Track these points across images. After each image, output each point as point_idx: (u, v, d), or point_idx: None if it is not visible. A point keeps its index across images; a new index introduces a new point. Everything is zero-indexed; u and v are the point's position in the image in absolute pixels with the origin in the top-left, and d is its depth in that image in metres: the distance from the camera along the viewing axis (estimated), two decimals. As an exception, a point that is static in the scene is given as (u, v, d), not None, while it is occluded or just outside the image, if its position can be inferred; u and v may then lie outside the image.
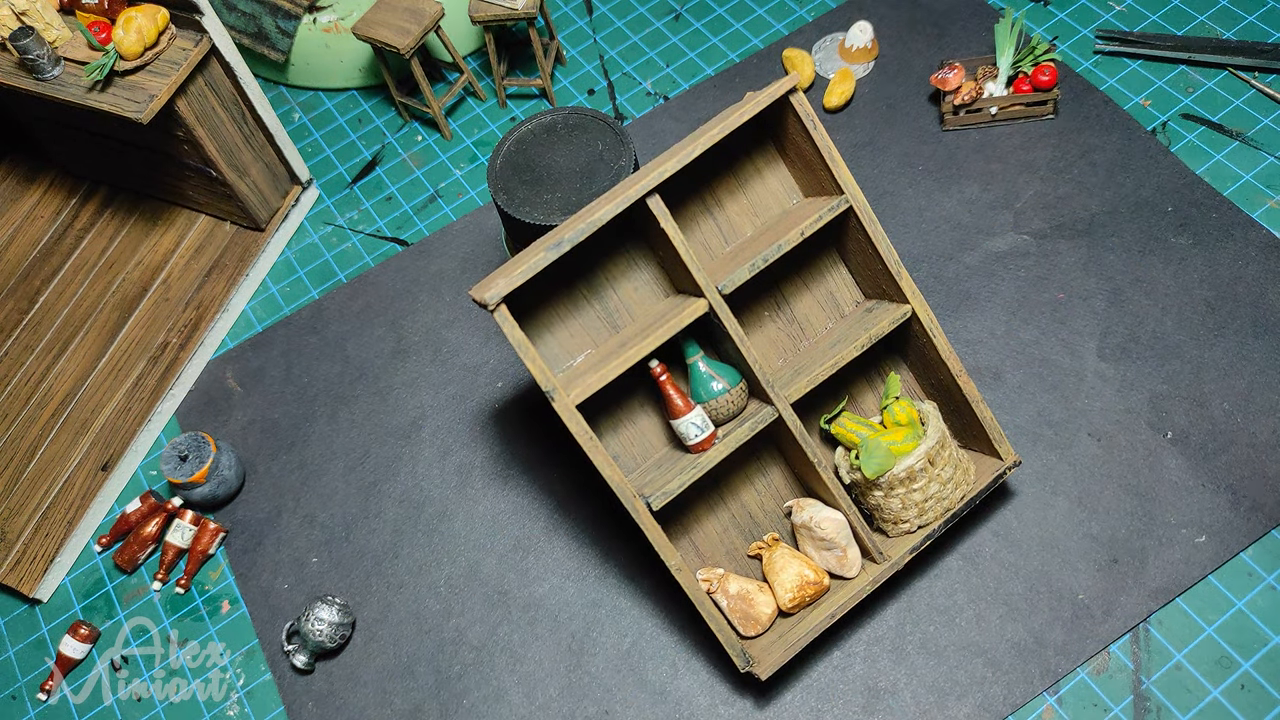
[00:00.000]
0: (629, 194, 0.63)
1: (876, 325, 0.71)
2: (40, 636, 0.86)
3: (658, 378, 0.69)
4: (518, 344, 0.63)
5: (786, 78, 0.65)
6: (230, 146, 0.96)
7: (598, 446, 0.65)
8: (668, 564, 0.67)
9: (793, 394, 0.70)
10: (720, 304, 0.67)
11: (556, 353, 0.71)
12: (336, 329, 0.98)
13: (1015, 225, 0.92)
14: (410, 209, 1.05)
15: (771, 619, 0.73)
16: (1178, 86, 0.98)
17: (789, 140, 0.70)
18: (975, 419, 0.73)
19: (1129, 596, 0.73)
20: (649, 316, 0.72)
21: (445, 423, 0.90)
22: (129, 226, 1.07)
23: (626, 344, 0.68)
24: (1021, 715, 0.71)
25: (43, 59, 0.86)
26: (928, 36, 1.06)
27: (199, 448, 0.86)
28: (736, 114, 0.64)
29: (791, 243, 0.67)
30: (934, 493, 0.71)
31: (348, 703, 0.78)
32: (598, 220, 0.63)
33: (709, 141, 0.64)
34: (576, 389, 0.64)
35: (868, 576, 0.72)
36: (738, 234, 0.74)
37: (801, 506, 0.74)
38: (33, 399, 0.97)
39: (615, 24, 1.16)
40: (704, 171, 0.70)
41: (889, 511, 0.72)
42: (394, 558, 0.84)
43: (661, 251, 0.69)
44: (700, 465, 0.69)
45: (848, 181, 0.67)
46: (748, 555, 0.77)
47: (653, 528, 0.66)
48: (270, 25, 1.11)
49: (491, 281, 0.65)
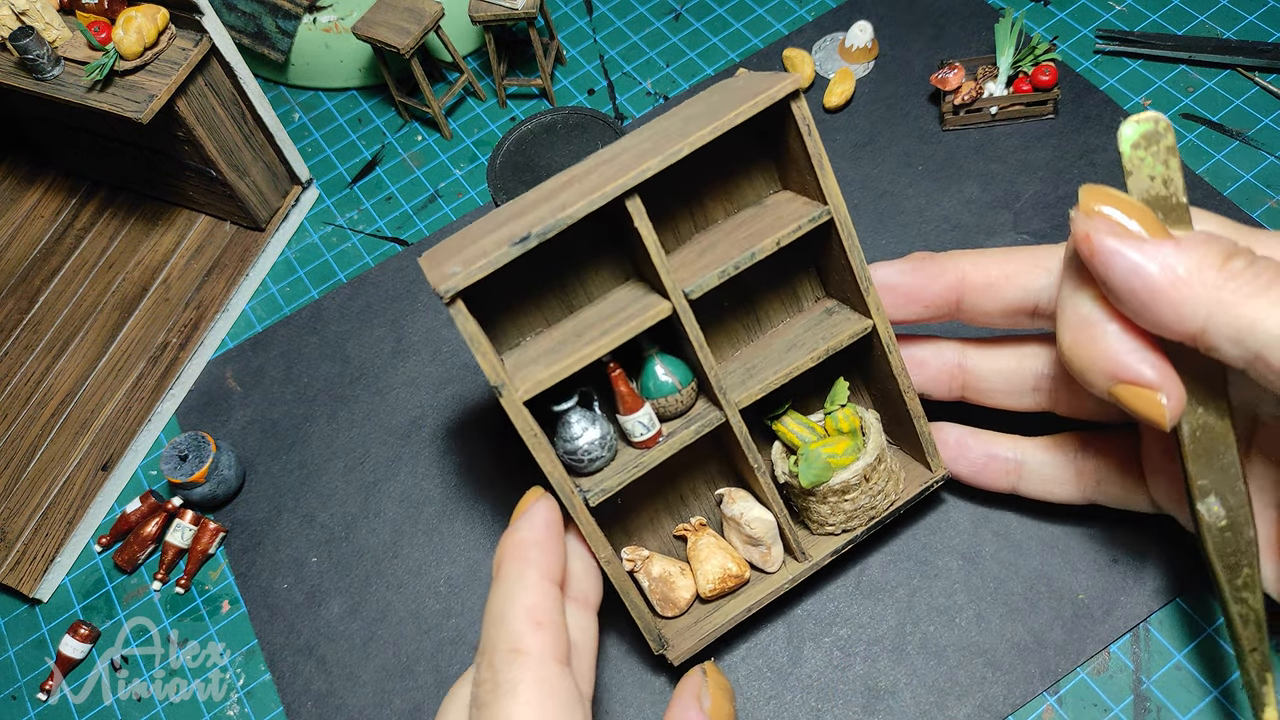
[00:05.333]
0: (605, 191, 0.59)
1: (836, 337, 0.68)
2: (40, 636, 0.86)
3: (610, 374, 0.66)
4: (470, 337, 0.58)
5: (788, 78, 0.61)
6: (230, 146, 0.96)
7: (542, 444, 0.61)
8: (597, 555, 0.64)
9: (743, 400, 0.67)
10: (685, 310, 0.63)
11: (506, 328, 0.67)
12: (336, 329, 0.98)
13: (1015, 225, 0.92)
14: (410, 209, 1.05)
15: (689, 603, 0.72)
16: (1178, 86, 0.98)
17: (780, 137, 0.67)
18: (914, 431, 0.72)
19: (1129, 596, 0.73)
20: (609, 304, 0.68)
21: (445, 423, 0.90)
22: (129, 226, 1.07)
23: (583, 335, 0.64)
24: (1021, 715, 0.71)
25: (43, 59, 0.86)
26: (928, 36, 1.06)
27: (199, 448, 0.86)
28: (733, 114, 0.60)
29: (766, 251, 0.64)
30: (864, 504, 0.70)
31: (347, 703, 0.78)
32: (568, 217, 0.58)
33: (698, 142, 0.60)
34: (526, 384, 0.61)
35: (788, 574, 0.71)
36: (709, 219, 0.70)
37: (733, 498, 0.72)
38: (33, 399, 0.96)
39: (615, 24, 1.16)
40: None
41: (817, 515, 0.71)
42: (394, 558, 0.84)
43: (632, 244, 0.65)
44: (642, 464, 0.66)
45: (833, 192, 0.64)
46: (673, 535, 0.76)
47: (588, 522, 0.64)
48: (270, 25, 1.11)
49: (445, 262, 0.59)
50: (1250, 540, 0.58)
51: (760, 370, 0.70)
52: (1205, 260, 0.50)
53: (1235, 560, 0.58)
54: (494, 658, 0.54)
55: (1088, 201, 0.53)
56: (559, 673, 0.53)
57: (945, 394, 0.73)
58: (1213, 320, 0.49)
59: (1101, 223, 0.52)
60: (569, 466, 0.67)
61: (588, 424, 0.66)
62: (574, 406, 0.67)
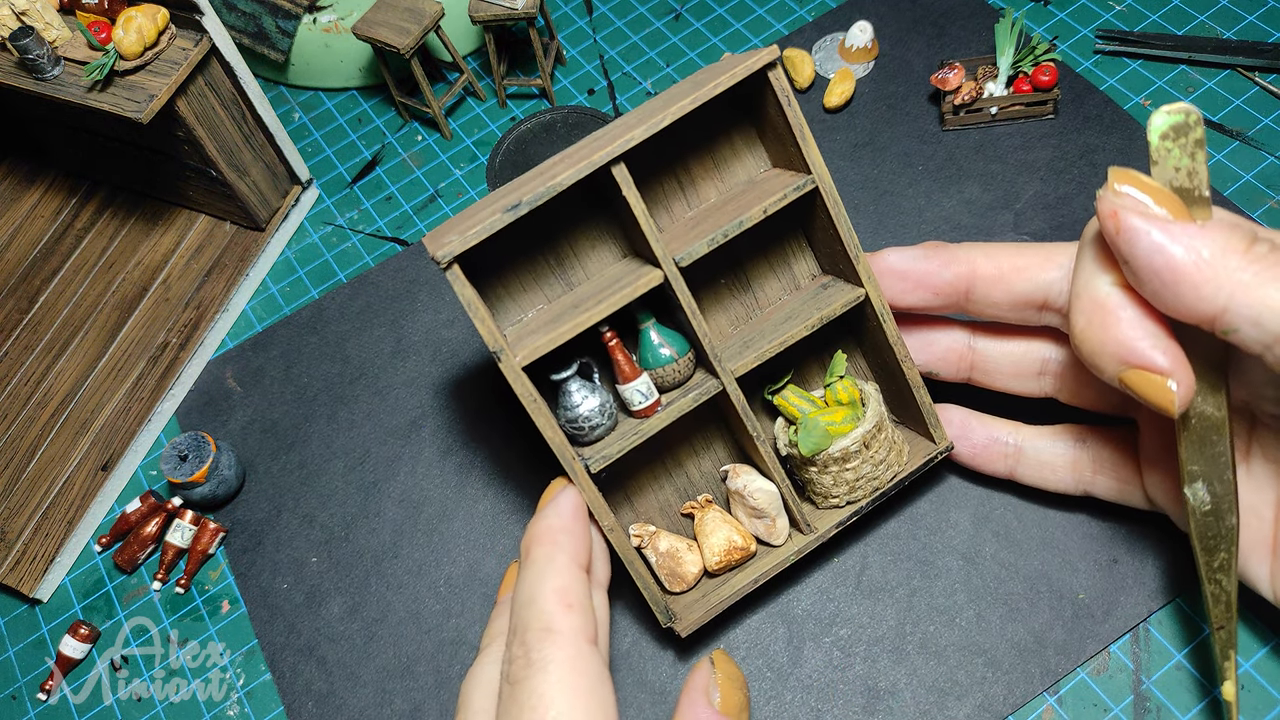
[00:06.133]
0: (593, 159, 0.61)
1: (829, 306, 0.69)
2: (40, 636, 0.86)
3: (607, 343, 0.68)
4: (467, 302, 0.60)
5: (765, 50, 0.63)
6: (230, 146, 0.96)
7: (542, 409, 0.63)
8: (601, 524, 0.66)
9: (739, 369, 0.68)
10: (676, 276, 0.65)
11: (508, 306, 0.69)
12: (336, 329, 0.98)
13: (1015, 225, 0.92)
14: (410, 209, 1.05)
15: (697, 578, 0.73)
16: (1178, 86, 0.98)
17: (762, 110, 0.68)
18: (914, 402, 0.73)
19: (1129, 596, 0.73)
20: (605, 277, 0.70)
21: (445, 423, 0.90)
22: (129, 226, 1.07)
23: (579, 305, 0.66)
24: (1021, 715, 0.71)
25: (43, 59, 0.86)
26: (928, 36, 1.06)
27: (199, 448, 0.86)
28: (712, 84, 0.62)
29: (754, 219, 0.66)
30: (866, 473, 0.70)
31: (347, 703, 0.78)
32: (558, 185, 0.60)
33: (680, 111, 0.62)
34: (524, 350, 0.63)
35: (793, 546, 0.72)
36: (701, 198, 0.72)
37: (737, 473, 0.73)
38: (33, 399, 0.96)
39: (615, 24, 1.16)
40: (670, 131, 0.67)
41: (820, 486, 0.72)
42: (394, 558, 0.84)
43: (622, 215, 0.67)
44: (641, 432, 0.67)
45: (816, 161, 0.65)
46: (680, 513, 0.77)
47: (589, 489, 0.65)
48: (270, 25, 1.11)
49: (445, 235, 0.62)
50: (1231, 527, 0.60)
51: (756, 342, 0.71)
52: (1229, 244, 0.51)
53: (1214, 544, 0.61)
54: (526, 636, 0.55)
55: (1115, 181, 0.53)
56: (589, 651, 0.55)
57: (954, 374, 0.74)
58: (1234, 302, 0.50)
59: (1129, 201, 0.52)
60: (571, 436, 0.68)
61: (588, 393, 0.68)
62: (573, 375, 0.69)
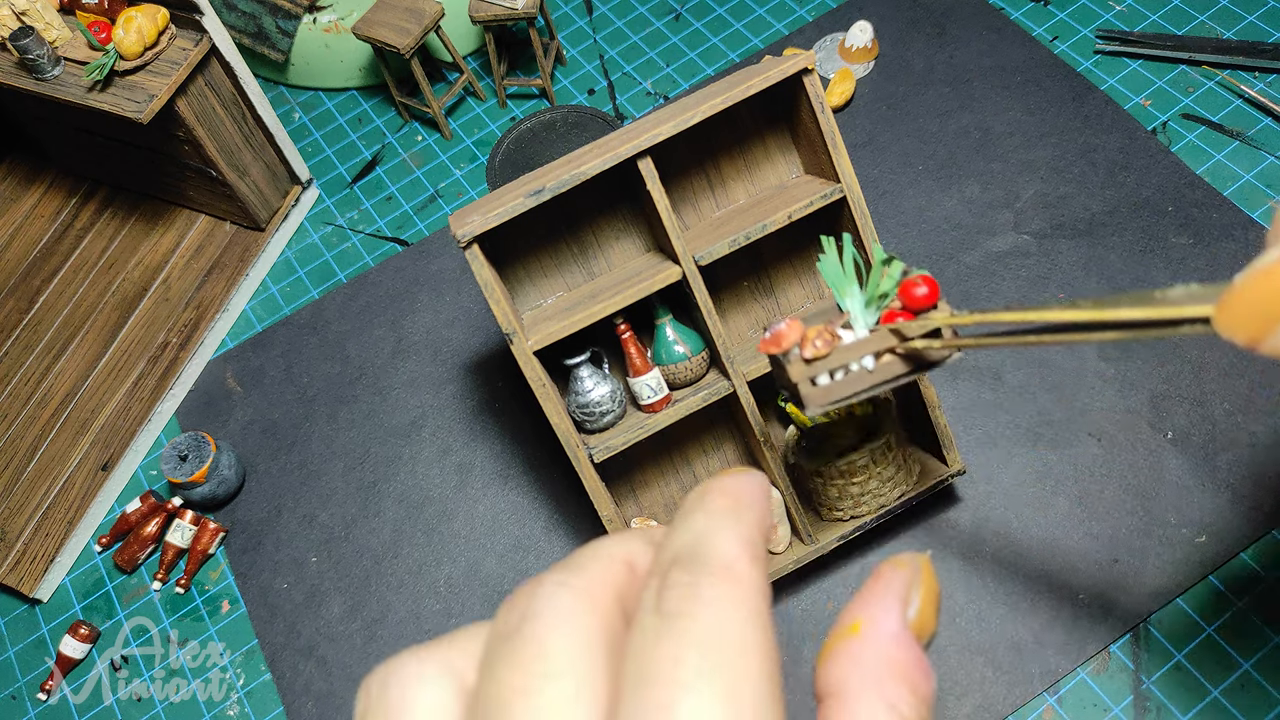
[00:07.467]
0: (619, 151, 0.61)
1: None
2: (40, 636, 0.86)
3: (620, 335, 0.68)
4: (484, 283, 0.61)
5: (803, 55, 0.63)
6: (230, 146, 0.96)
7: (550, 394, 0.64)
8: (600, 513, 0.66)
9: (751, 372, 0.69)
10: (694, 274, 0.65)
11: (529, 290, 0.70)
12: (336, 329, 0.98)
13: (1015, 225, 0.92)
14: (410, 209, 1.05)
15: None
16: (1178, 86, 0.98)
17: (796, 116, 0.69)
18: (929, 423, 0.72)
19: (1129, 596, 0.73)
20: (626, 270, 0.70)
21: (445, 423, 0.90)
22: (129, 226, 1.07)
23: (597, 296, 0.67)
24: (1021, 715, 0.71)
25: (43, 59, 0.86)
26: (928, 36, 1.06)
27: (199, 447, 0.86)
28: (744, 85, 0.63)
29: (777, 224, 0.66)
30: (872, 489, 0.70)
31: (347, 703, 0.78)
32: (582, 174, 0.61)
33: (709, 110, 0.63)
34: (537, 335, 0.64)
35: (793, 555, 0.72)
36: (730, 199, 0.72)
37: None
38: (33, 399, 0.96)
39: (615, 24, 1.16)
40: (703, 130, 0.67)
41: (825, 498, 0.72)
42: (394, 558, 0.84)
43: (647, 209, 0.67)
44: (648, 426, 0.68)
45: (846, 170, 0.66)
46: None
47: (591, 477, 0.65)
48: (270, 25, 1.11)
49: (468, 215, 0.63)
50: None
51: None
52: None
53: None
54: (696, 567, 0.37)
55: None
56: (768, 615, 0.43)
57: None
58: None
59: None
60: (579, 423, 0.69)
61: (599, 379, 0.69)
62: (585, 361, 0.69)
